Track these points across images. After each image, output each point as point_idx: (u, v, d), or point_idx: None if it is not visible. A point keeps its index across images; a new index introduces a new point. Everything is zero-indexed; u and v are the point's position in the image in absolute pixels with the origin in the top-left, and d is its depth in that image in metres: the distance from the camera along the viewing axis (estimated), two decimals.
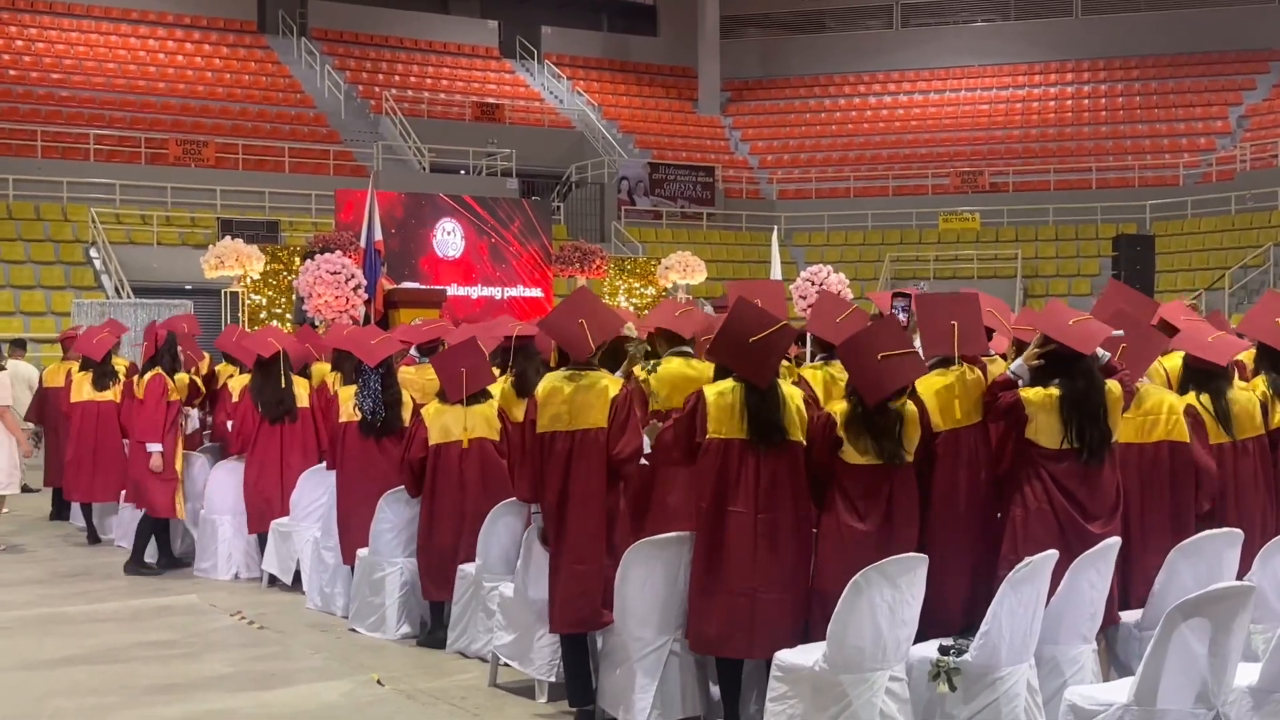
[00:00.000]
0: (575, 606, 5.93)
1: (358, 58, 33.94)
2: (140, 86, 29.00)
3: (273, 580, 9.30)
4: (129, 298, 20.30)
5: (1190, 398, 6.15)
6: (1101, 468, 5.44)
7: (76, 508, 11.91)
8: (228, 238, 18.24)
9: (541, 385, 6.09)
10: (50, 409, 12.55)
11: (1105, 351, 5.59)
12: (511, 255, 20.82)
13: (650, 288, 22.31)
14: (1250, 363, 6.91)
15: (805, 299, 17.59)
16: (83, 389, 11.10)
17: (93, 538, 11.43)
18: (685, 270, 22.05)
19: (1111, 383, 5.49)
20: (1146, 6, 35.51)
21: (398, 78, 33.40)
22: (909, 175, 32.37)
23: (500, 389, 7.66)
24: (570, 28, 37.47)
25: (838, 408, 5.51)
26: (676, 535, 5.72)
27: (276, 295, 18.09)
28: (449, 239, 20.19)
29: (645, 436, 5.94)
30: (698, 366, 6.25)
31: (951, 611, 5.42)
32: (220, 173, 26.04)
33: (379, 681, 6.81)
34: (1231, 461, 6.11)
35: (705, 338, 6.31)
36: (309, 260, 16.29)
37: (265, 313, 17.90)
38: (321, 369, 10.02)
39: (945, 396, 5.63)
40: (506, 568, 6.89)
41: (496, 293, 20.46)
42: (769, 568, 5.42)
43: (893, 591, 4.88)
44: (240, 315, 18.03)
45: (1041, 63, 36.04)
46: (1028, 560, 4.94)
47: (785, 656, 5.12)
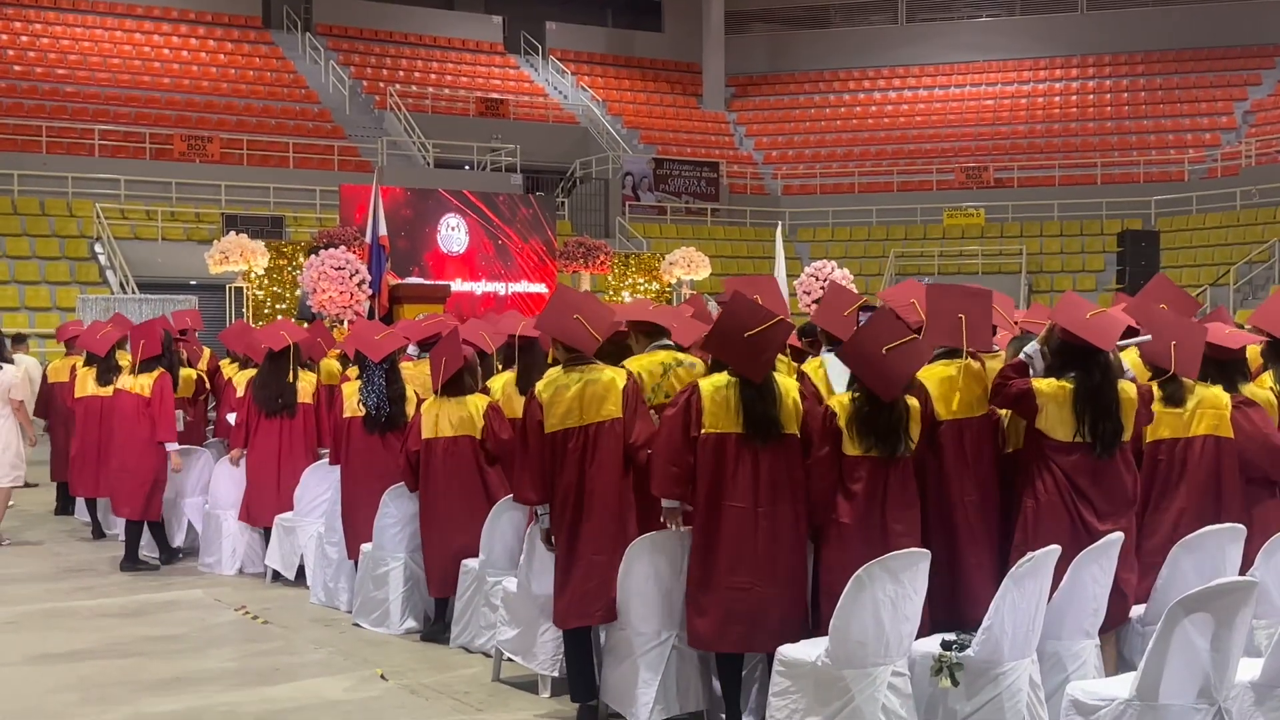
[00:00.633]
0: (593, 598, 5.86)
1: (362, 53, 33.95)
2: (145, 82, 29.02)
3: (276, 575, 9.32)
4: (134, 293, 20.34)
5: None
6: (1114, 463, 5.44)
7: (81, 502, 11.94)
8: (232, 233, 18.26)
9: (542, 385, 6.02)
10: (54, 404, 12.59)
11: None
12: (516, 251, 20.80)
13: (654, 283, 22.30)
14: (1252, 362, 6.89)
15: (810, 295, 17.59)
16: (86, 384, 11.12)
17: (97, 532, 11.46)
18: (689, 266, 22.05)
19: (1126, 383, 5.50)
20: (1152, 1, 35.47)
21: (402, 73, 33.41)
22: (914, 171, 32.33)
23: (500, 385, 7.66)
24: (575, 23, 37.46)
25: (837, 401, 5.51)
26: (678, 531, 5.72)
27: (281, 291, 18.10)
28: (453, 234, 20.18)
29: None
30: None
31: (955, 605, 5.42)
32: (225, 168, 26.05)
33: (383, 676, 6.82)
34: None
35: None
36: (313, 256, 16.31)
37: (269, 308, 17.91)
38: (329, 364, 10.04)
39: (949, 386, 5.65)
40: (510, 563, 6.91)
41: (500, 288, 20.45)
42: (767, 563, 5.41)
43: (895, 586, 4.88)
44: (245, 311, 18.06)
45: (1046, 58, 35.99)
46: (1030, 555, 4.94)
47: (788, 651, 5.12)
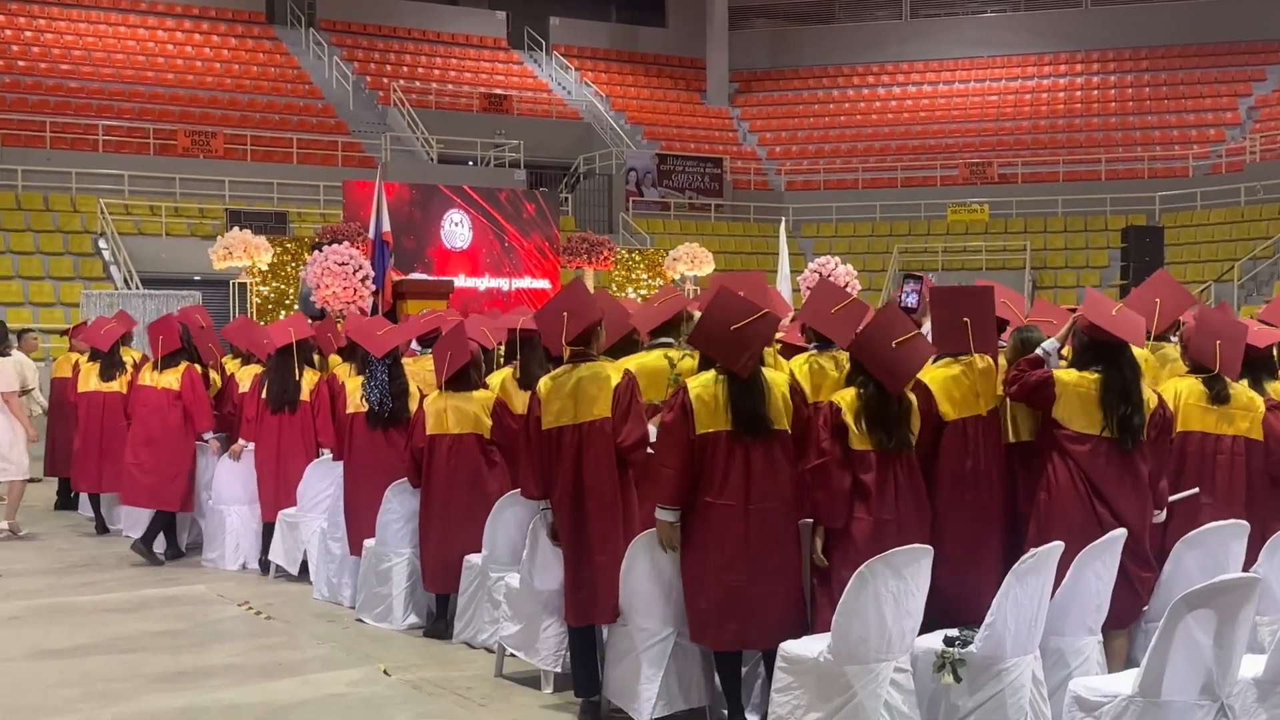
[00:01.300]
0: (602, 597, 5.86)
1: (366, 49, 33.94)
2: (149, 78, 29.03)
3: (278, 570, 9.33)
4: (137, 288, 20.34)
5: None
6: (1131, 457, 5.44)
7: (84, 497, 11.95)
8: (236, 228, 18.26)
9: (545, 381, 6.05)
10: (56, 399, 12.59)
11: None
12: (519, 246, 20.80)
13: (658, 279, 22.27)
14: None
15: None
16: (90, 379, 11.14)
17: (101, 528, 11.47)
18: (693, 262, 22.00)
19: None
20: None
21: (406, 69, 33.41)
22: (918, 166, 32.29)
23: (501, 380, 7.66)
24: (578, 18, 37.43)
25: (840, 396, 5.50)
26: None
27: (285, 286, 18.09)
28: (457, 230, 20.16)
29: (650, 426, 5.93)
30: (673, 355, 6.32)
31: (959, 601, 5.41)
32: (228, 164, 26.06)
33: (385, 672, 6.83)
34: None
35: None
36: (316, 252, 16.30)
37: (272, 304, 17.90)
38: (337, 360, 10.04)
39: (954, 386, 5.64)
40: (513, 558, 6.90)
41: (504, 284, 20.43)
42: (760, 559, 5.40)
43: (898, 582, 4.88)
44: (248, 306, 18.06)
45: (1050, 53, 35.93)
46: (1032, 552, 4.93)
47: (790, 647, 5.12)
